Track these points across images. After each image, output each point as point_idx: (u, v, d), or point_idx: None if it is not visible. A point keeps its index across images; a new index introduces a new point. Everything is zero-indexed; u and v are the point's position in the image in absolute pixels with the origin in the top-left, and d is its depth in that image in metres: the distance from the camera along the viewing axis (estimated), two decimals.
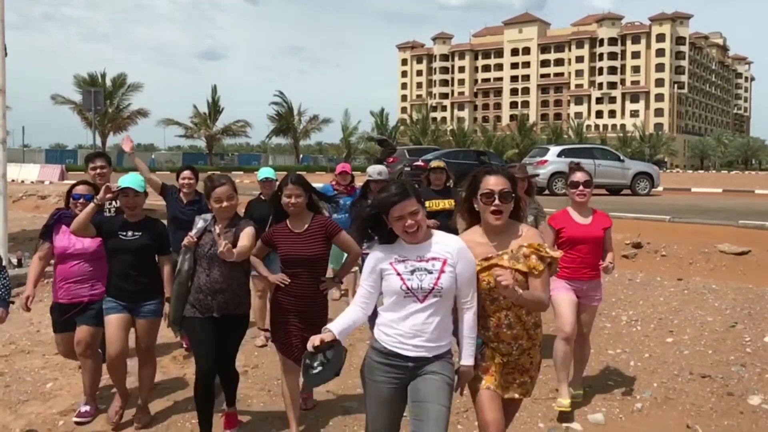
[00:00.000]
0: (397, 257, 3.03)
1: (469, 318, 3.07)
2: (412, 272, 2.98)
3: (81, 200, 4.89)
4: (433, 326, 2.98)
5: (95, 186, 5.15)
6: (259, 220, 6.65)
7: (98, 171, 5.90)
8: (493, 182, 3.08)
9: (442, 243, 3.06)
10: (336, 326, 2.99)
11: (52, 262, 5.05)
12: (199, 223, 4.42)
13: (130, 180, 4.65)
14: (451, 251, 3.02)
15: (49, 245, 4.97)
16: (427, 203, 6.82)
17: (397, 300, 3.01)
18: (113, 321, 4.59)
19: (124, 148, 6.91)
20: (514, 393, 3.28)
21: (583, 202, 4.96)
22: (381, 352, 3.06)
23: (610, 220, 5.16)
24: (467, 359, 3.10)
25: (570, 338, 4.83)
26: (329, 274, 4.64)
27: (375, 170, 6.75)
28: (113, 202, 5.71)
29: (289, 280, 4.34)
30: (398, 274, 2.99)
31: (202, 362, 4.33)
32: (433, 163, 7.08)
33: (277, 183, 6.48)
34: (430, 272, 2.97)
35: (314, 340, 2.89)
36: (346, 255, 4.65)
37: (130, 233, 4.62)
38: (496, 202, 3.04)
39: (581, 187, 4.95)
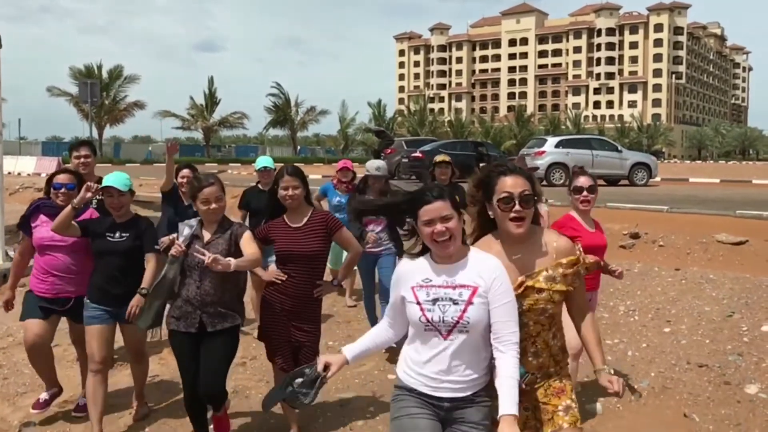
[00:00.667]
0: (420, 280, 2.57)
1: (508, 360, 2.46)
2: (434, 302, 2.51)
3: (62, 190, 4.65)
4: (463, 364, 2.53)
5: (78, 174, 4.91)
6: (255, 211, 6.50)
7: (82, 160, 5.54)
8: (510, 184, 2.60)
9: (477, 265, 2.54)
10: (351, 351, 2.74)
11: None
12: (185, 229, 4.05)
13: (113, 179, 4.39)
14: (486, 277, 2.50)
15: (29, 238, 4.73)
16: None
17: (417, 332, 2.60)
18: (96, 332, 4.34)
19: (169, 153, 6.28)
20: (561, 423, 2.69)
21: (587, 209, 4.56)
22: (409, 390, 2.64)
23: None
24: (509, 407, 2.39)
25: (579, 353, 4.49)
26: (326, 276, 4.51)
27: (374, 165, 6.42)
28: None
29: (285, 277, 4.15)
30: (418, 302, 2.54)
31: (187, 387, 4.06)
32: (438, 158, 6.84)
33: (275, 171, 6.42)
34: (456, 303, 2.49)
35: (323, 363, 2.68)
36: (345, 254, 4.51)
37: (117, 234, 4.40)
38: (517, 207, 2.56)
39: (585, 193, 4.53)
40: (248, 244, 4.00)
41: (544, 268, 2.62)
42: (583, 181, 4.57)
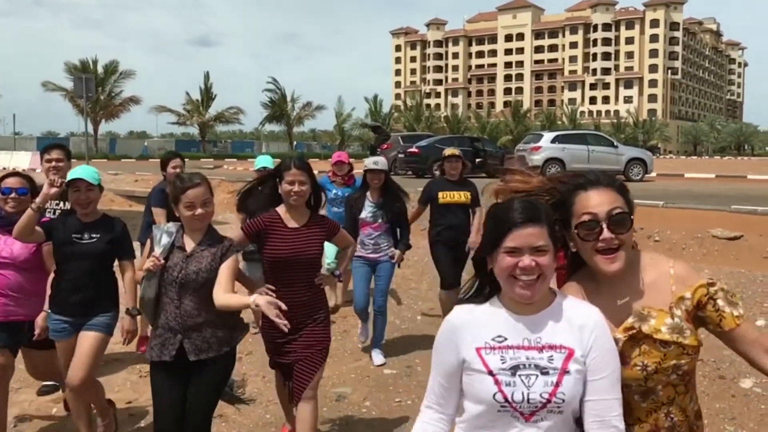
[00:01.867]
0: (489, 338, 1.81)
1: None
2: (514, 371, 1.75)
3: (12, 195, 4.13)
4: None
5: (29, 178, 4.33)
6: (254, 212, 6.44)
7: (53, 164, 4.91)
8: (595, 201, 1.87)
9: (569, 316, 1.81)
10: None
11: None
12: (162, 238, 3.33)
13: (81, 171, 3.89)
14: (584, 334, 1.79)
15: None
16: (439, 194, 6.32)
17: (486, 413, 1.79)
18: (65, 349, 3.92)
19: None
20: None
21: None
22: None
23: None
24: None
25: None
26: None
27: (371, 159, 5.98)
28: (61, 203, 4.85)
29: (274, 296, 3.30)
30: (490, 372, 1.77)
31: (160, 420, 3.31)
32: (448, 151, 6.47)
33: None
34: (545, 372, 1.75)
35: None
36: (339, 249, 4.33)
37: (86, 236, 3.88)
38: (606, 234, 1.85)
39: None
40: (227, 280, 3.24)
41: (664, 311, 1.87)
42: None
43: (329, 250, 6.35)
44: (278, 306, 3.02)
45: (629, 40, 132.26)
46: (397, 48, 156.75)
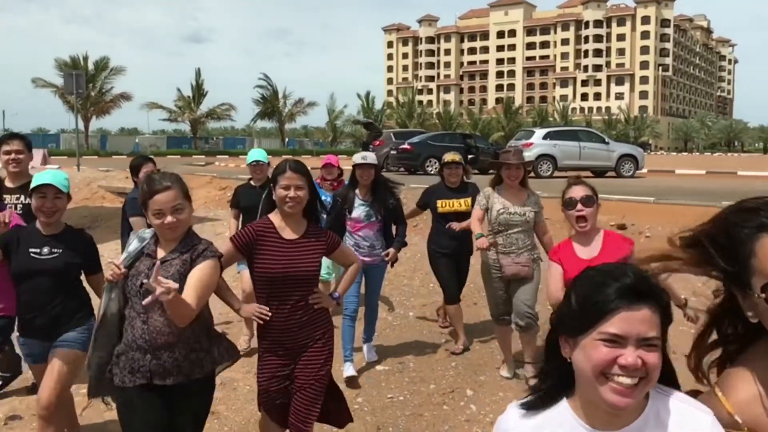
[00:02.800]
0: None
1: None
2: None
3: None
4: None
5: None
6: (248, 209, 5.89)
7: (12, 156, 4.62)
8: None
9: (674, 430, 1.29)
10: None
11: None
12: (133, 242, 2.96)
13: (50, 176, 3.51)
14: None
15: None
16: (438, 203, 6.00)
17: None
18: (41, 374, 3.57)
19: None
20: None
21: (585, 229, 3.75)
22: None
23: (630, 243, 3.79)
24: None
25: None
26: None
27: (360, 154, 5.68)
28: (21, 196, 4.53)
29: (270, 314, 3.20)
30: None
31: None
32: (448, 157, 6.07)
33: (268, 166, 6.05)
34: None
35: None
36: (342, 268, 3.87)
37: (46, 250, 3.47)
38: None
39: (579, 207, 3.74)
40: (193, 289, 2.78)
41: None
42: (576, 191, 3.77)
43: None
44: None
45: (620, 37, 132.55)
46: (389, 44, 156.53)
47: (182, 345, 2.86)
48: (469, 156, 22.52)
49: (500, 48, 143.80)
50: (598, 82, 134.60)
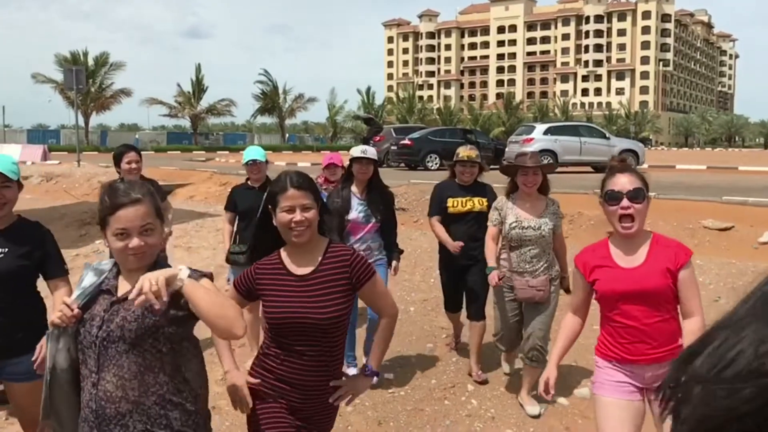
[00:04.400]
0: None
1: None
2: None
3: None
4: None
5: None
6: (245, 212, 5.43)
7: None
8: None
9: None
10: None
11: None
12: (87, 275, 2.23)
13: None
14: None
15: None
16: (449, 201, 5.19)
17: None
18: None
19: None
20: None
21: (629, 231, 2.77)
22: None
23: (686, 252, 2.87)
24: None
25: None
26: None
27: (359, 148, 5.13)
28: None
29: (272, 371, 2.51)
30: None
31: None
32: (462, 153, 5.19)
33: (267, 164, 5.66)
34: None
35: None
36: (373, 315, 3.12)
37: None
38: None
39: (625, 202, 2.76)
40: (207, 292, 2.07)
41: None
42: (622, 181, 2.80)
43: None
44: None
45: (621, 32, 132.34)
46: (390, 40, 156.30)
47: (138, 416, 2.07)
48: (469, 146, 22.50)
49: (501, 43, 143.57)
50: (598, 78, 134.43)
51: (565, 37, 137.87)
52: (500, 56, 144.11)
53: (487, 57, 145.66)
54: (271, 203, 2.55)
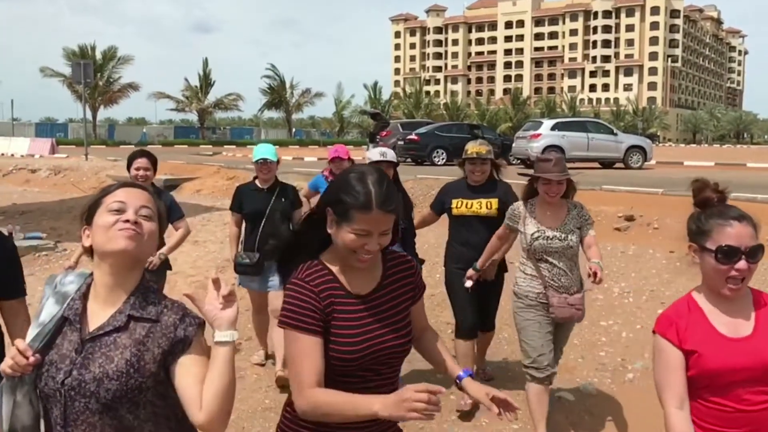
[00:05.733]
0: None
1: None
2: None
3: None
4: None
5: None
6: (253, 215, 5.08)
7: None
8: None
9: None
10: None
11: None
12: (46, 305, 1.72)
13: None
14: None
15: None
16: (453, 202, 4.65)
17: None
18: None
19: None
20: None
21: (734, 292, 2.10)
22: None
23: None
24: None
25: None
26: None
27: (378, 151, 4.70)
28: None
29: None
30: None
31: None
32: (471, 149, 4.59)
33: (278, 164, 5.16)
34: None
35: None
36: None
37: None
38: None
39: (743, 263, 2.08)
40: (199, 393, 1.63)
41: None
42: (739, 233, 2.11)
43: None
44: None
45: (629, 28, 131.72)
46: (397, 35, 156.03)
47: None
48: (479, 140, 22.47)
49: (508, 38, 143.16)
50: (606, 73, 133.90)
51: (573, 32, 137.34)
52: (507, 51, 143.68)
53: (494, 52, 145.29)
54: (335, 210, 1.84)
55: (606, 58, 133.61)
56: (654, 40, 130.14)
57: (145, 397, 1.65)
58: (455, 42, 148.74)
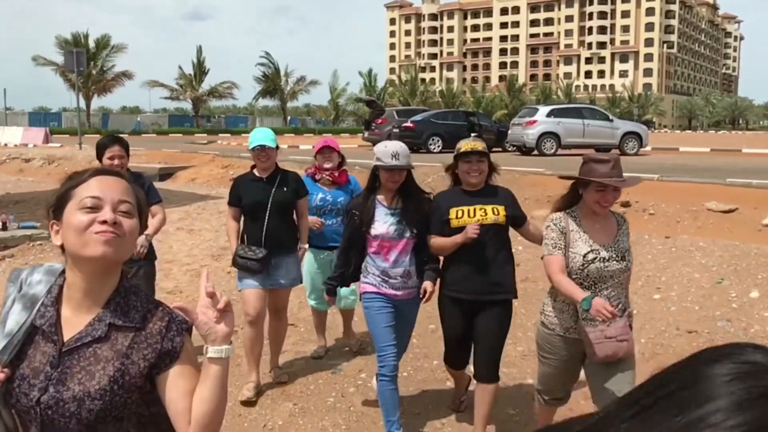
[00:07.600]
0: None
1: None
2: None
3: None
4: None
5: None
6: (253, 207, 4.67)
7: None
8: None
9: None
10: None
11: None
12: (12, 311, 1.51)
13: None
14: None
15: None
16: (452, 212, 3.76)
17: None
18: None
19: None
20: None
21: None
22: None
23: None
24: None
25: None
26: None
27: (388, 150, 3.78)
28: None
29: None
30: None
31: None
32: (465, 145, 3.75)
33: (277, 150, 4.72)
34: None
35: None
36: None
37: None
38: None
39: None
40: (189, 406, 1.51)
41: None
42: None
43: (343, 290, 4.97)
44: None
45: (625, 14, 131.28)
46: (392, 21, 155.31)
47: None
48: (473, 134, 22.45)
49: (504, 25, 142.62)
50: (602, 60, 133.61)
51: (569, 18, 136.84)
52: (503, 38, 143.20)
53: (490, 39, 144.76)
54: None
55: (602, 45, 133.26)
56: (650, 26, 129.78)
57: (130, 409, 1.52)
58: (450, 29, 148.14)
